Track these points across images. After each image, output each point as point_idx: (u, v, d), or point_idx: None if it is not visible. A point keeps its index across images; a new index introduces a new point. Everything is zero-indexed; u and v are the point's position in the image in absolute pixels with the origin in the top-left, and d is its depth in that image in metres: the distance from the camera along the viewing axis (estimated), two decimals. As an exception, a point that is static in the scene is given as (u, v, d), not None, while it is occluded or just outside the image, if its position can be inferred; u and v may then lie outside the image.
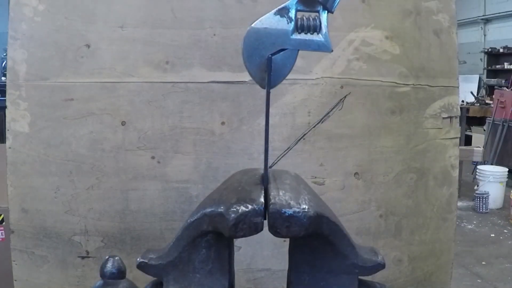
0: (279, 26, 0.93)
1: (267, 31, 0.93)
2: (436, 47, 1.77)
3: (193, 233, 0.99)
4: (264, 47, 0.93)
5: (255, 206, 0.88)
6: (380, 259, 1.03)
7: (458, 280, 4.14)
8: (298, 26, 0.94)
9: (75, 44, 1.64)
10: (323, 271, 1.02)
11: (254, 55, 0.94)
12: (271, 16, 0.93)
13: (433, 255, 1.82)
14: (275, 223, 0.87)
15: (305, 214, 0.87)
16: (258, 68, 0.95)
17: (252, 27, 0.94)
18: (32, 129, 1.65)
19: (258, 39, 0.93)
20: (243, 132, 1.70)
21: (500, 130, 7.75)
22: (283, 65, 0.96)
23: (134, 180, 1.68)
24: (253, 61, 0.95)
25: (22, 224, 1.68)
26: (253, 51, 0.94)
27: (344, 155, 1.74)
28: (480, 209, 6.20)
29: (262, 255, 1.73)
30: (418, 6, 1.75)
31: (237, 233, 0.88)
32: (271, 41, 0.93)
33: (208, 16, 1.67)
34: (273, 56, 0.94)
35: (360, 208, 1.75)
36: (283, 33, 0.93)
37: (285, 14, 0.93)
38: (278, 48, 0.93)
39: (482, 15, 12.08)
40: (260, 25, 0.93)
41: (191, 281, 1.02)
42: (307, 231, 0.88)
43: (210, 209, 0.94)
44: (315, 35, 0.95)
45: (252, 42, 0.94)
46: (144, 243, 1.69)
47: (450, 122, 1.80)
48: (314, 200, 0.95)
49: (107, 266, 1.06)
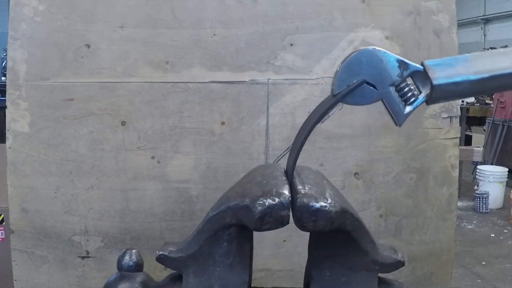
0: (388, 68, 0.92)
1: (381, 64, 0.92)
2: (436, 47, 1.77)
3: (215, 226, 0.98)
4: (366, 69, 0.92)
5: (282, 199, 0.87)
6: (400, 256, 1.03)
7: (458, 280, 4.14)
8: (400, 85, 0.93)
9: (75, 44, 1.64)
10: (344, 267, 1.02)
11: (353, 67, 0.93)
12: (391, 57, 0.93)
13: (433, 255, 1.82)
14: (302, 216, 0.87)
15: (332, 208, 0.87)
16: (343, 77, 0.94)
17: (375, 48, 0.93)
18: (32, 129, 1.65)
19: (370, 61, 0.92)
20: (243, 132, 1.70)
21: (500, 130, 7.75)
22: (362, 95, 0.94)
23: (134, 180, 1.68)
24: (347, 70, 0.93)
25: (22, 224, 1.68)
26: (357, 65, 0.93)
27: (344, 155, 1.74)
28: (480, 209, 6.20)
29: (262, 255, 1.73)
30: (418, 6, 1.75)
31: (263, 226, 0.88)
32: (373, 71, 0.92)
33: (208, 16, 1.68)
34: (364, 83, 0.92)
35: (360, 208, 1.75)
36: (386, 75, 0.93)
37: (401, 67, 0.93)
38: (371, 80, 0.92)
39: (482, 15, 12.09)
40: (381, 54, 0.93)
41: (211, 275, 1.01)
42: (333, 225, 0.88)
43: (235, 202, 0.93)
44: (401, 102, 0.94)
45: (363, 59, 0.93)
46: (144, 243, 1.69)
47: (450, 122, 1.79)
48: (339, 196, 0.95)
49: (125, 258, 1.05)
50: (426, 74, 0.92)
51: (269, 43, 1.69)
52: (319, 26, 1.71)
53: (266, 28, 1.69)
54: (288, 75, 1.70)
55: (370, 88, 0.92)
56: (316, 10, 1.70)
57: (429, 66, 0.93)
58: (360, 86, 0.92)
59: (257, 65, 1.69)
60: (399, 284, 1.06)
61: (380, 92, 0.93)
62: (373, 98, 0.93)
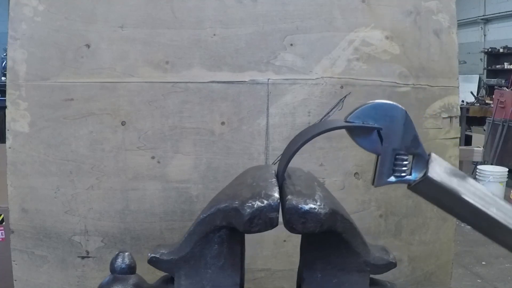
0: (403, 136, 0.94)
1: (401, 128, 0.93)
2: (436, 47, 1.77)
3: (206, 228, 0.98)
4: (386, 122, 0.93)
5: (270, 202, 0.88)
6: (392, 258, 1.03)
7: (458, 280, 4.13)
8: (401, 156, 0.95)
9: (75, 44, 1.64)
10: (336, 269, 1.02)
11: (378, 112, 0.94)
12: (412, 129, 0.94)
13: (433, 255, 1.82)
14: (291, 218, 0.87)
15: (321, 210, 0.87)
16: (364, 114, 0.94)
17: (407, 112, 0.94)
18: (32, 129, 1.65)
19: (394, 119, 0.93)
20: (243, 132, 1.70)
21: (500, 130, 7.75)
22: (366, 139, 0.95)
23: (134, 180, 1.68)
24: (371, 111, 0.94)
25: (22, 224, 1.68)
26: (381, 113, 0.93)
27: (344, 155, 1.74)
28: (480, 209, 6.18)
29: (262, 255, 1.73)
30: (418, 6, 1.75)
31: (252, 228, 0.88)
32: (390, 129, 0.93)
33: (208, 16, 1.68)
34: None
35: (360, 208, 1.75)
36: (397, 140, 0.94)
37: (413, 143, 0.95)
38: (383, 133, 0.93)
39: (482, 15, 12.08)
40: (407, 120, 0.93)
41: (203, 277, 1.02)
42: (322, 227, 0.88)
43: (225, 204, 0.94)
44: (391, 169, 0.96)
45: (390, 112, 0.94)
46: (144, 243, 1.69)
47: (450, 122, 1.80)
48: (329, 197, 0.95)
49: (117, 261, 1.06)
50: (426, 163, 0.95)
51: (269, 43, 1.69)
52: (319, 26, 1.71)
53: (266, 28, 1.69)
54: (288, 75, 1.70)
55: (377, 138, 0.94)
56: (316, 10, 1.70)
57: (434, 159, 0.96)
58: (371, 131, 0.93)
59: (257, 65, 1.69)
60: (391, 285, 1.06)
61: (383, 148, 0.94)
62: (373, 148, 0.95)
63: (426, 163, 0.95)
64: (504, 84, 9.90)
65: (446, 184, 0.93)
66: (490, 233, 1.00)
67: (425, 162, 0.95)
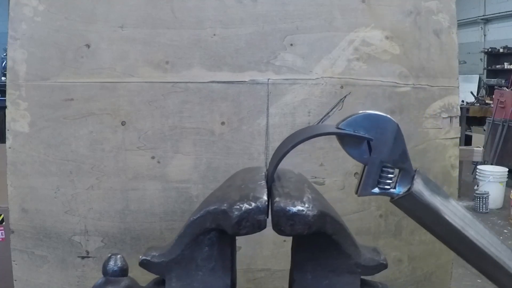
0: (393, 149, 0.95)
1: (391, 142, 0.95)
2: (436, 47, 1.77)
3: (196, 230, 0.98)
4: (378, 133, 0.94)
5: (258, 204, 0.88)
6: (383, 259, 1.03)
7: (458, 280, 4.13)
8: (387, 168, 0.96)
9: (75, 44, 1.64)
10: (326, 270, 1.02)
11: (371, 123, 0.95)
12: (403, 144, 0.95)
13: (433, 255, 1.82)
14: (279, 221, 0.87)
15: (309, 212, 0.87)
16: (357, 123, 0.95)
17: (399, 127, 0.95)
18: (32, 129, 1.65)
19: (385, 131, 0.94)
20: (243, 132, 1.70)
21: (500, 130, 7.75)
22: (355, 148, 0.97)
23: (134, 180, 1.68)
24: (364, 120, 0.95)
25: (22, 224, 1.68)
26: (374, 125, 0.95)
27: (344, 155, 1.72)
28: (480, 209, 6.19)
29: (262, 255, 1.73)
30: (418, 6, 1.75)
31: (241, 230, 0.88)
32: (381, 140, 0.95)
33: (208, 16, 1.68)
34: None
35: (360, 208, 1.75)
36: (386, 152, 0.95)
37: (401, 157, 0.96)
38: (373, 144, 0.94)
39: (482, 15, 12.08)
40: (399, 135, 0.95)
41: (194, 279, 1.02)
42: (311, 229, 0.88)
43: (213, 207, 0.94)
44: (376, 180, 0.96)
45: (383, 124, 0.95)
46: (144, 243, 1.69)
47: (450, 122, 1.79)
48: (318, 199, 0.95)
49: (110, 263, 1.06)
50: (412, 179, 0.96)
51: (269, 43, 1.69)
52: (319, 26, 1.71)
53: (266, 28, 1.69)
54: (288, 75, 1.70)
55: (366, 148, 0.95)
56: (316, 10, 1.71)
57: (419, 176, 0.97)
58: (362, 141, 0.94)
59: (257, 65, 1.69)
60: (383, 285, 1.06)
61: (370, 159, 0.95)
62: (361, 158, 0.96)
63: (412, 179, 0.96)
64: (504, 84, 9.91)
65: (429, 202, 0.95)
66: (465, 255, 1.01)
67: (411, 177, 0.96)
